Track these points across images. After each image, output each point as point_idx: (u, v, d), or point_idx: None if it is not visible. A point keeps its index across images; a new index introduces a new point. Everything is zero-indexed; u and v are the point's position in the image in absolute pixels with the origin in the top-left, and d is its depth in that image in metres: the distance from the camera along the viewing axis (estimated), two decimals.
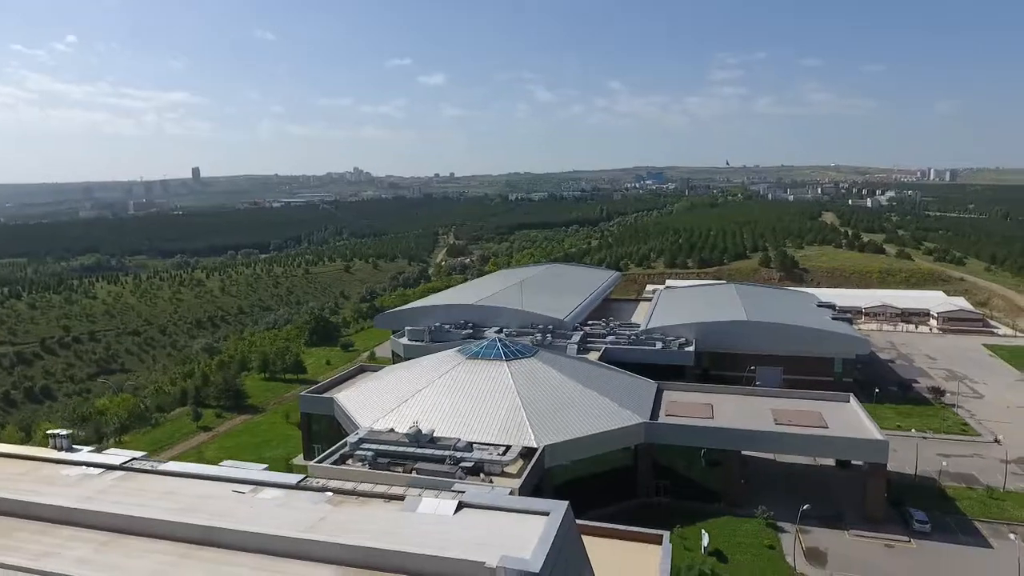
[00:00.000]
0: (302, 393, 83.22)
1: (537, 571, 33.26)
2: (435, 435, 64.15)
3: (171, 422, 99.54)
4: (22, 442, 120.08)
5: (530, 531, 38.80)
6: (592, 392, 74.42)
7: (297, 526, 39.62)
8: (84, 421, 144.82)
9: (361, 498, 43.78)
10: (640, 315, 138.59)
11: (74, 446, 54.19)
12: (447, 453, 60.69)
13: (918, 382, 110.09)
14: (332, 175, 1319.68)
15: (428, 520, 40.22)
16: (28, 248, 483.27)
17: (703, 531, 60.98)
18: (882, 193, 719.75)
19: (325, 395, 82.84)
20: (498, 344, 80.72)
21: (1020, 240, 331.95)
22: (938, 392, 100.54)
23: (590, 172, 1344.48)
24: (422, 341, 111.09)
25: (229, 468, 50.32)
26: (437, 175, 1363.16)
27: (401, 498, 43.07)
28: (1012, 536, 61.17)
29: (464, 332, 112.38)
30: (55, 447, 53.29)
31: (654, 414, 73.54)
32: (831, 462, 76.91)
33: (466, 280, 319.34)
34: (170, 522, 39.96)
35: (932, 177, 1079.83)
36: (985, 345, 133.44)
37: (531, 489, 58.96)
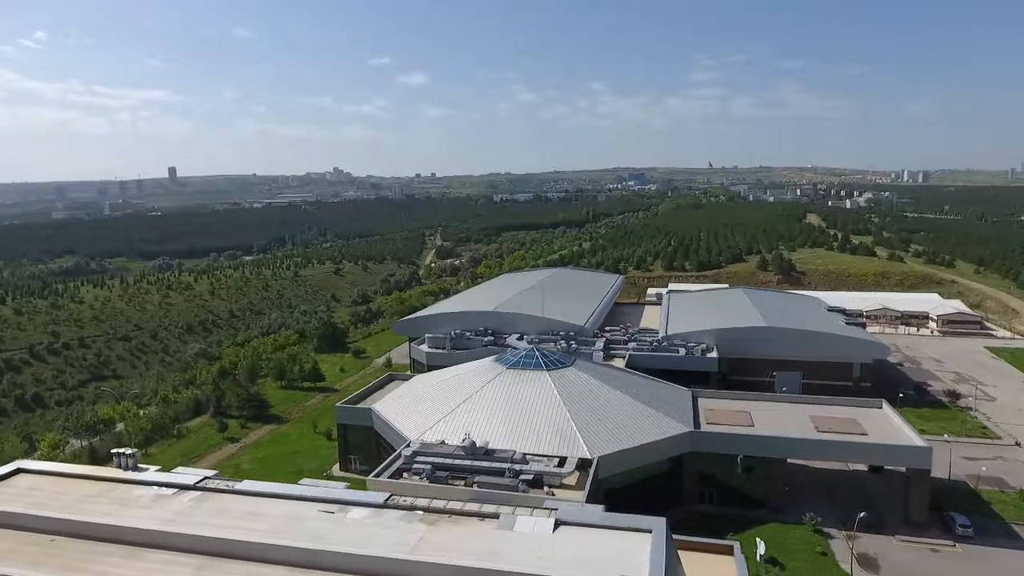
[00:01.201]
0: (338, 404, 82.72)
1: None
2: (489, 447, 64.32)
3: (194, 433, 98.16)
4: (26, 453, 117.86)
5: (635, 549, 39.33)
6: (634, 401, 75.17)
7: (400, 547, 39.71)
8: (89, 430, 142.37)
9: (454, 516, 43.95)
10: (649, 319, 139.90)
11: (140, 465, 53.49)
12: (505, 465, 60.86)
13: (930, 385, 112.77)
14: (312, 175, 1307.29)
15: (529, 539, 40.53)
16: (1, 250, 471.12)
17: (758, 539, 62.05)
18: (859, 194, 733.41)
19: (361, 406, 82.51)
20: (536, 354, 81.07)
21: (1001, 241, 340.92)
22: (954, 396, 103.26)
23: (572, 172, 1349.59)
24: (444, 348, 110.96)
25: (308, 487, 50.22)
26: (418, 175, 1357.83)
27: (496, 516, 43.35)
28: None
29: (485, 340, 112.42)
30: (121, 466, 52.61)
31: (696, 422, 74.50)
32: (862, 467, 78.72)
33: (459, 282, 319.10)
34: (271, 545, 39.79)
35: (906, 178, 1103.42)
36: (987, 348, 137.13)
37: (592, 501, 59.44)
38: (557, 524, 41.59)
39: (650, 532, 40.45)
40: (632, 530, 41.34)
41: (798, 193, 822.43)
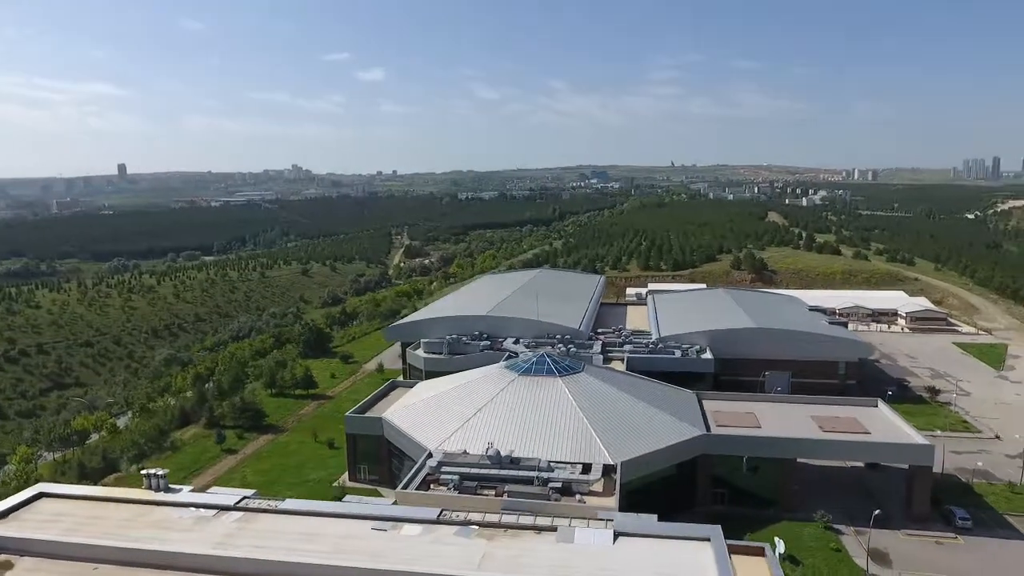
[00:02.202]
0: (348, 414, 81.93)
1: None
2: (514, 455, 64.77)
3: (190, 445, 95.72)
4: None
5: (698, 558, 40.49)
6: (646, 405, 76.62)
7: (468, 564, 40.05)
8: (63, 443, 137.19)
9: (510, 531, 44.41)
10: (634, 320, 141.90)
11: (171, 485, 52.32)
12: (533, 474, 61.45)
13: (909, 382, 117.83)
14: (270, 172, 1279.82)
15: (593, 551, 41.29)
16: None
17: (776, 538, 64.02)
18: (815, 193, 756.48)
19: (370, 415, 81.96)
20: (547, 360, 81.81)
21: (952, 239, 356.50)
22: (933, 391, 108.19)
23: (534, 170, 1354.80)
24: (441, 354, 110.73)
25: (354, 504, 49.90)
26: (380, 172, 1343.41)
27: (553, 529, 43.97)
28: None
29: (482, 344, 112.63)
30: (151, 487, 51.42)
31: (706, 425, 76.38)
32: (859, 463, 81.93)
33: (432, 282, 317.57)
34: (337, 567, 39.63)
35: (856, 177, 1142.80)
36: (955, 343, 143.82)
37: (621, 508, 60.49)
38: (616, 535, 42.50)
39: (708, 540, 41.73)
40: (690, 539, 42.57)
41: (756, 191, 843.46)
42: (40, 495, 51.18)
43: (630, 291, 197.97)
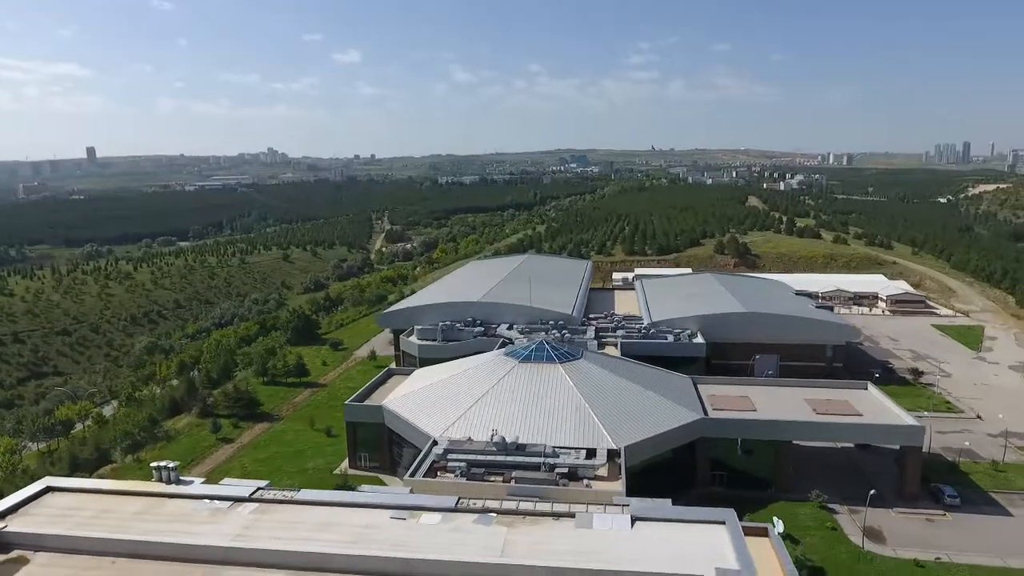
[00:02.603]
0: (347, 402, 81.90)
1: None
2: (519, 442, 65.43)
3: (185, 435, 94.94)
4: None
5: (716, 541, 41.51)
6: (645, 390, 77.76)
7: (490, 551, 40.58)
8: (47, 433, 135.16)
9: (528, 517, 45.01)
10: (623, 305, 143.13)
11: (182, 478, 52.05)
12: (539, 460, 62.18)
13: (892, 364, 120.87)
14: (245, 156, 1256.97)
15: (612, 536, 42.07)
16: None
17: (775, 518, 65.74)
18: (791, 177, 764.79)
19: (370, 403, 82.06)
20: (546, 347, 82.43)
21: (926, 222, 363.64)
22: (917, 373, 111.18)
23: (513, 154, 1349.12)
24: (435, 340, 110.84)
25: (370, 494, 50.12)
26: (357, 156, 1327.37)
27: (571, 515, 44.66)
28: None
29: (476, 331, 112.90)
30: (162, 479, 51.07)
31: (703, 409, 77.78)
32: (849, 444, 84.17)
33: (415, 267, 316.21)
34: (360, 556, 39.91)
35: (831, 161, 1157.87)
36: (933, 326, 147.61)
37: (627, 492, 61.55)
38: (633, 520, 43.35)
39: (723, 524, 42.78)
40: (705, 522, 43.58)
41: (734, 175, 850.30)
42: (47, 489, 50.52)
43: (616, 275, 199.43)
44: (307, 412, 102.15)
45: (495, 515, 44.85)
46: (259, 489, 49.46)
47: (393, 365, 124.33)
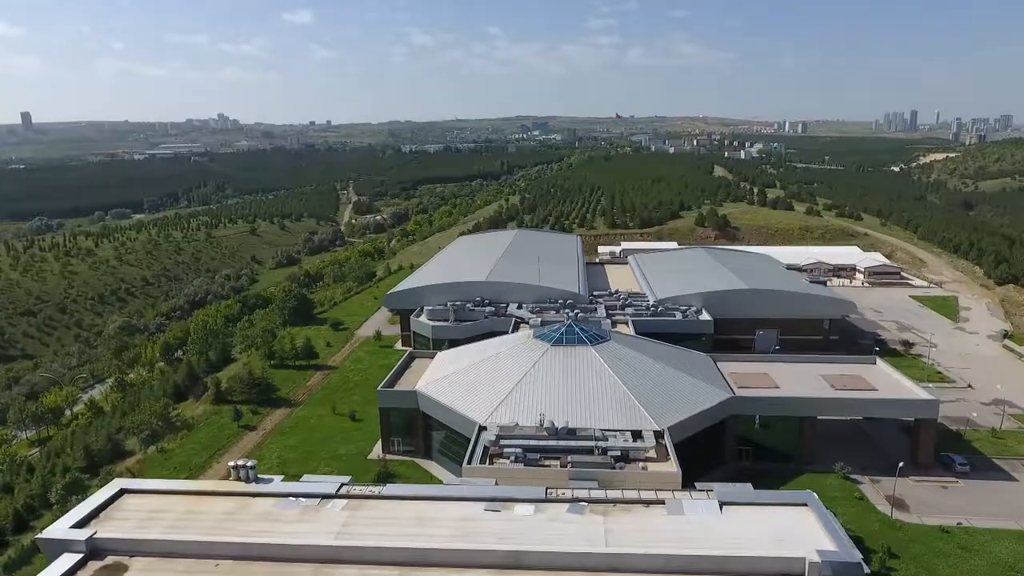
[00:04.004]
0: (380, 389, 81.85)
1: (860, 560, 38.60)
2: (568, 426, 67.08)
3: (205, 423, 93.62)
4: None
5: (803, 522, 44.15)
6: (675, 370, 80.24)
7: (594, 541, 42.37)
8: (37, 421, 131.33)
9: (620, 505, 46.85)
10: (618, 281, 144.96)
11: (260, 476, 52.04)
12: (592, 443, 64.06)
13: (880, 335, 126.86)
14: (194, 122, 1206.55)
15: (705, 522, 44.29)
16: None
17: (809, 491, 69.49)
18: (751, 145, 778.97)
19: (402, 389, 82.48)
20: (576, 329, 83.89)
21: (881, 192, 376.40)
22: (908, 345, 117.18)
23: (474, 121, 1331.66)
24: (447, 321, 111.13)
25: (458, 487, 51.07)
26: (313, 123, 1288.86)
27: (660, 502, 46.67)
28: None
29: (487, 311, 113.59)
30: (242, 478, 51.02)
31: (729, 387, 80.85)
32: (858, 417, 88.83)
33: (391, 240, 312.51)
34: (469, 550, 41.13)
35: (787, 129, 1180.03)
36: (912, 297, 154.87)
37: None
38: (721, 505, 45.65)
39: (806, 505, 45.44)
40: (788, 504, 46.23)
41: (695, 143, 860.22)
42: (121, 491, 49.91)
43: (602, 249, 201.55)
44: (323, 396, 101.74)
45: (586, 504, 46.50)
46: (343, 485, 49.91)
47: (398, 344, 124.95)
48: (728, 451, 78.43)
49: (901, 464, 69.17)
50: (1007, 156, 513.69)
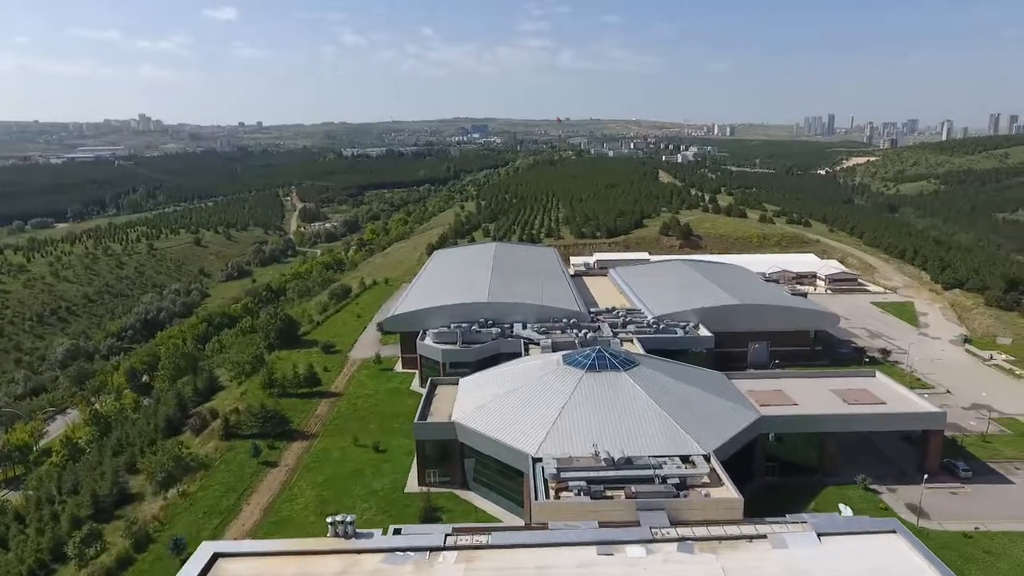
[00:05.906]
0: (416, 421, 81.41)
1: None
2: (625, 455, 68.83)
3: (221, 460, 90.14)
4: None
5: (897, 550, 47.46)
6: (704, 392, 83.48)
7: None
8: (2, 460, 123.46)
9: (723, 542, 48.97)
10: (602, 295, 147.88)
11: (358, 530, 51.28)
12: (651, 472, 66.09)
13: (855, 343, 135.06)
14: (112, 123, 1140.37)
15: (812, 553, 46.98)
16: None
17: (841, 504, 74.15)
18: (686, 149, 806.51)
19: (437, 420, 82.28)
20: (607, 354, 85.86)
21: (812, 195, 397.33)
22: (885, 352, 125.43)
23: (410, 123, 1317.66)
24: (454, 344, 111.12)
25: (563, 531, 51.83)
26: (243, 124, 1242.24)
27: (764, 536, 49.07)
28: None
29: (494, 332, 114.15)
30: (341, 534, 50.24)
31: (752, 405, 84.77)
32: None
33: (350, 250, 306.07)
34: None
35: (716, 132, 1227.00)
36: (873, 303, 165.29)
37: None
38: (819, 535, 48.48)
39: (895, 532, 48.86)
40: (876, 532, 49.53)
41: (632, 147, 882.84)
42: (216, 556, 48.15)
43: (575, 260, 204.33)
44: (337, 426, 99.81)
45: (693, 542, 48.38)
46: (447, 535, 49.89)
47: (399, 367, 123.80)
48: (757, 468, 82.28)
49: (927, 476, 74.49)
50: (922, 160, 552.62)
